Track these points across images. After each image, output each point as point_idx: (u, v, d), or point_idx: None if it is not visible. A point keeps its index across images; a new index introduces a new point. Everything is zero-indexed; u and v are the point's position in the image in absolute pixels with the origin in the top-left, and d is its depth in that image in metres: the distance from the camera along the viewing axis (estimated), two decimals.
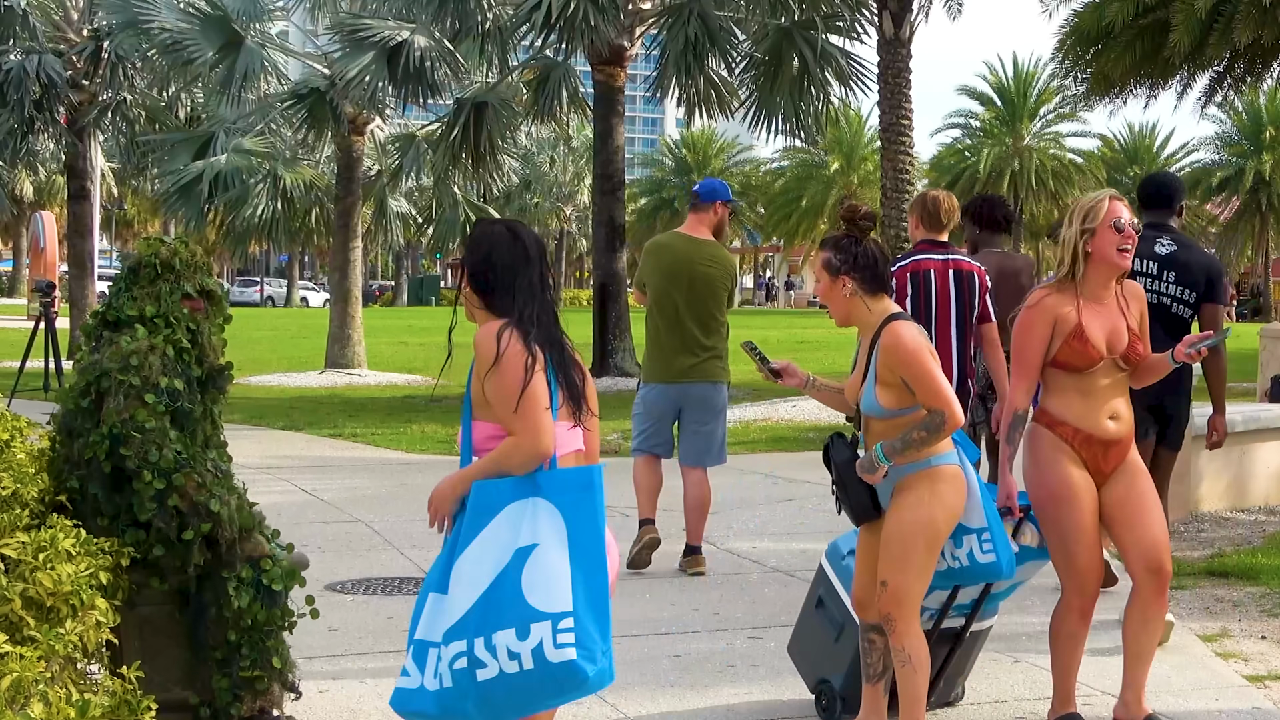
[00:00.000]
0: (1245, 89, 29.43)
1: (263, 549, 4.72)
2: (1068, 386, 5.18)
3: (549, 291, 3.97)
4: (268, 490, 10.45)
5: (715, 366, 8.37)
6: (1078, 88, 27.00)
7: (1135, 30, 24.05)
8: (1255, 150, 60.67)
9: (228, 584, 4.62)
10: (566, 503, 3.81)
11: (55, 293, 19.48)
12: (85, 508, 4.63)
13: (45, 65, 24.10)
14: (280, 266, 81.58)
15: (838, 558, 5.63)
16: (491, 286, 3.94)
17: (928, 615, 5.29)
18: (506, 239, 3.96)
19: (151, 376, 4.59)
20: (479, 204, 26.45)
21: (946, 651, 5.49)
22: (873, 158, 62.78)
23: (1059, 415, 5.18)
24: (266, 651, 4.70)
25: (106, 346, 4.67)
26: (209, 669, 4.67)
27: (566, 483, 3.86)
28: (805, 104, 20.02)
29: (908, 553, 4.92)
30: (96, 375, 4.59)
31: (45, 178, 53.26)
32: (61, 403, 4.71)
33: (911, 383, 4.85)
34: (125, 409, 4.52)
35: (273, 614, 4.73)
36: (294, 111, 22.08)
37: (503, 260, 3.92)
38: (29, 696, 3.52)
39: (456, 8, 19.85)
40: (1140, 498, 5.23)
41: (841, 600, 5.50)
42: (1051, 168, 65.74)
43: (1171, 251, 6.86)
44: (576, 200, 79.61)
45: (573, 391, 3.96)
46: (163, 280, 4.77)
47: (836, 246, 5.04)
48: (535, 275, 3.94)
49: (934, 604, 5.30)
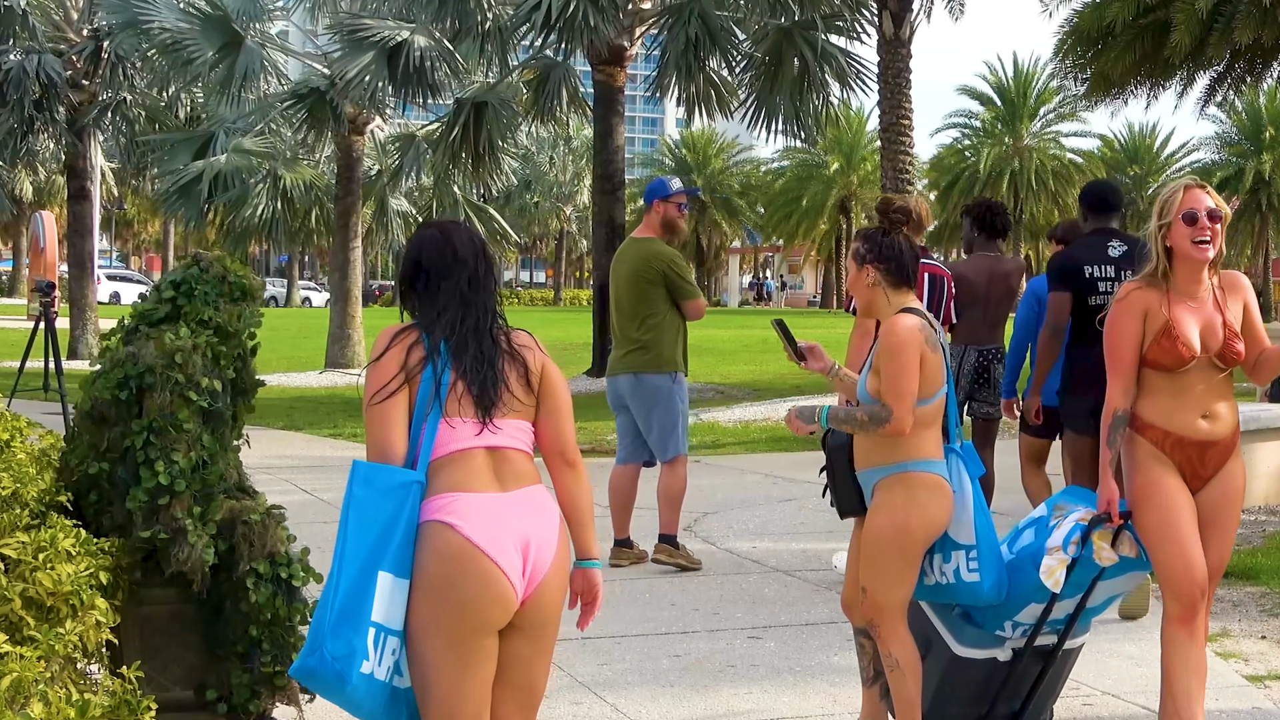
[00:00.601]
0: (1245, 89, 29.43)
1: (280, 542, 4.76)
2: (1159, 387, 4.92)
3: (482, 293, 3.83)
4: (268, 490, 10.29)
5: (638, 358, 8.39)
6: (1078, 88, 27.00)
7: (1135, 30, 24.05)
8: (1255, 150, 60.71)
9: (246, 579, 4.65)
10: (348, 496, 3.67)
11: (55, 293, 19.25)
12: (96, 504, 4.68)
13: (45, 65, 24.11)
14: (280, 266, 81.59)
15: (921, 577, 5.23)
16: (415, 290, 3.85)
17: (1020, 631, 5.05)
18: (436, 242, 3.86)
19: (195, 375, 4.68)
20: (479, 204, 26.49)
21: (1038, 671, 5.14)
22: (873, 158, 62.78)
23: (1148, 418, 4.94)
24: (288, 648, 4.69)
25: (145, 342, 4.73)
26: (227, 665, 4.68)
27: (355, 475, 3.69)
28: (805, 104, 20.02)
29: (883, 559, 4.90)
30: (140, 370, 4.66)
31: (45, 177, 53.14)
32: (91, 391, 4.73)
33: (882, 372, 4.84)
34: (170, 405, 4.63)
35: (294, 608, 4.73)
36: (294, 111, 22.11)
37: (431, 264, 3.83)
38: (29, 696, 3.52)
39: (456, 8, 19.85)
40: (1223, 513, 5.00)
41: (928, 619, 5.17)
42: (1051, 168, 65.79)
43: (1123, 252, 7.36)
44: (576, 200, 79.64)
45: (481, 392, 3.76)
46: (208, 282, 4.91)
47: (866, 237, 5.09)
48: (463, 278, 3.82)
49: (1028, 619, 5.01)
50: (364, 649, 3.55)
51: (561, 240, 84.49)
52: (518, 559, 3.66)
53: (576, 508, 3.87)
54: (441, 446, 3.71)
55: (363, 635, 3.56)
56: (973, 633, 5.07)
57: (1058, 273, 7.52)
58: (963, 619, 5.10)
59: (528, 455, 3.79)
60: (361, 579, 3.58)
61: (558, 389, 3.86)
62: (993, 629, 5.05)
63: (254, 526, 4.71)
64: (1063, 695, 5.78)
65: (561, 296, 79.99)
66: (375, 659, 3.58)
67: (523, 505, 3.72)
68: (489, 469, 3.72)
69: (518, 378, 3.80)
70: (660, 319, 8.37)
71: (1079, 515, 4.96)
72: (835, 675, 6.14)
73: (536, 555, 3.69)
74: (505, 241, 28.87)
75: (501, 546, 3.65)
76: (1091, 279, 7.38)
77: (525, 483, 3.74)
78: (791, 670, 6.29)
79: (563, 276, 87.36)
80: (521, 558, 3.67)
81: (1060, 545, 4.89)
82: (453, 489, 3.68)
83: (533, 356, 3.83)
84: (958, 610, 5.10)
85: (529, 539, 3.69)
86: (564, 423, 3.85)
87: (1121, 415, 4.93)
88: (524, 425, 3.80)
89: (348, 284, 23.63)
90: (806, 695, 5.92)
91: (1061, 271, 7.49)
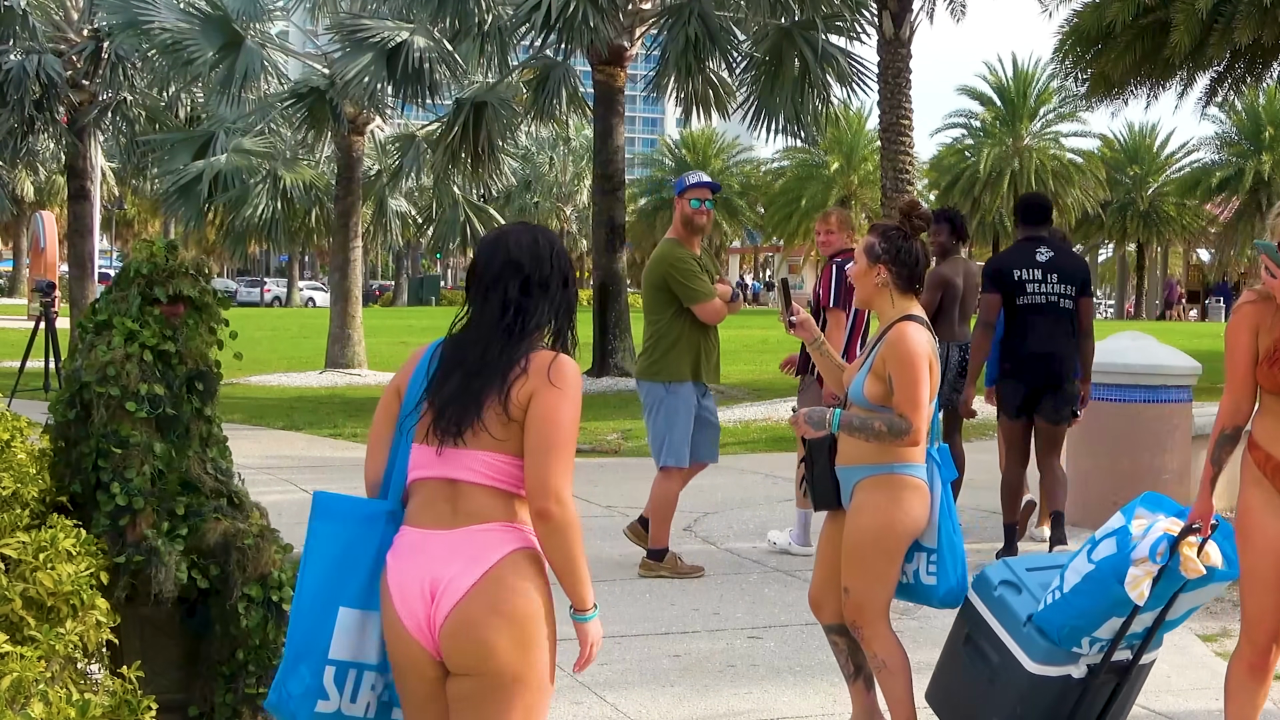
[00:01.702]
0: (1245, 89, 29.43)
1: (273, 564, 4.69)
2: (1271, 409, 4.62)
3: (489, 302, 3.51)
4: (268, 490, 10.44)
5: (641, 364, 8.40)
6: (1078, 88, 27.01)
7: (1135, 30, 24.06)
8: (1255, 150, 60.73)
9: (236, 603, 4.60)
10: (308, 529, 3.54)
11: (55, 292, 19.53)
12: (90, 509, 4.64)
13: (45, 65, 24.07)
14: (281, 266, 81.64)
15: (988, 589, 5.02)
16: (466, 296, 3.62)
17: (1097, 647, 4.80)
18: (488, 242, 3.61)
19: (130, 385, 4.56)
20: (479, 204, 26.48)
21: (1112, 688, 4.88)
22: (873, 158, 62.80)
23: (1256, 438, 4.67)
24: (273, 670, 4.58)
25: (86, 354, 4.66)
26: (210, 682, 4.66)
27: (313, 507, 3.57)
28: (805, 104, 20.04)
29: (866, 560, 4.89)
30: (79, 386, 4.60)
31: (45, 177, 53.19)
32: (54, 413, 4.72)
33: (896, 383, 4.81)
34: (110, 422, 4.53)
35: (282, 631, 4.63)
36: (294, 111, 22.08)
37: (477, 265, 3.58)
38: (29, 696, 3.51)
39: (456, 8, 19.87)
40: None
41: (996, 636, 4.93)
42: (1051, 168, 65.74)
43: (1050, 257, 8.49)
44: (576, 200, 79.66)
45: (440, 415, 3.47)
46: (134, 285, 4.75)
47: (884, 235, 5.02)
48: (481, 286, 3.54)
49: (1106, 634, 4.77)
50: (319, 688, 3.47)
51: (561, 240, 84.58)
52: (420, 605, 3.40)
53: (553, 561, 3.44)
54: (410, 471, 3.54)
55: (318, 674, 3.47)
56: (1045, 648, 4.83)
57: (989, 276, 8.57)
58: (1037, 634, 4.84)
59: (490, 490, 3.43)
60: (318, 615, 3.49)
61: (542, 425, 3.38)
62: (1070, 645, 4.81)
63: (247, 551, 4.63)
64: None
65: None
66: (340, 696, 3.50)
67: (448, 545, 3.41)
68: (445, 501, 3.46)
69: (495, 406, 3.42)
70: (664, 325, 8.19)
71: (1165, 525, 4.75)
72: (835, 675, 6.12)
73: (440, 601, 3.38)
74: None
75: (404, 591, 3.42)
76: (1020, 281, 8.45)
77: (474, 521, 3.41)
78: (791, 670, 6.30)
79: None
80: (426, 603, 3.39)
81: (1147, 556, 4.67)
82: (406, 521, 3.51)
83: (522, 385, 3.42)
84: (1029, 626, 4.86)
85: (437, 583, 3.39)
86: (540, 463, 3.37)
87: (1227, 433, 4.67)
88: (495, 458, 3.43)
89: (348, 284, 23.60)
90: (806, 695, 5.93)
91: (992, 275, 8.55)
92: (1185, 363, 10.02)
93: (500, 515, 3.43)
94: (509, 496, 3.44)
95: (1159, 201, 68.03)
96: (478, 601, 3.35)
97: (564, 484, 3.37)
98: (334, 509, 3.53)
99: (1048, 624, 4.82)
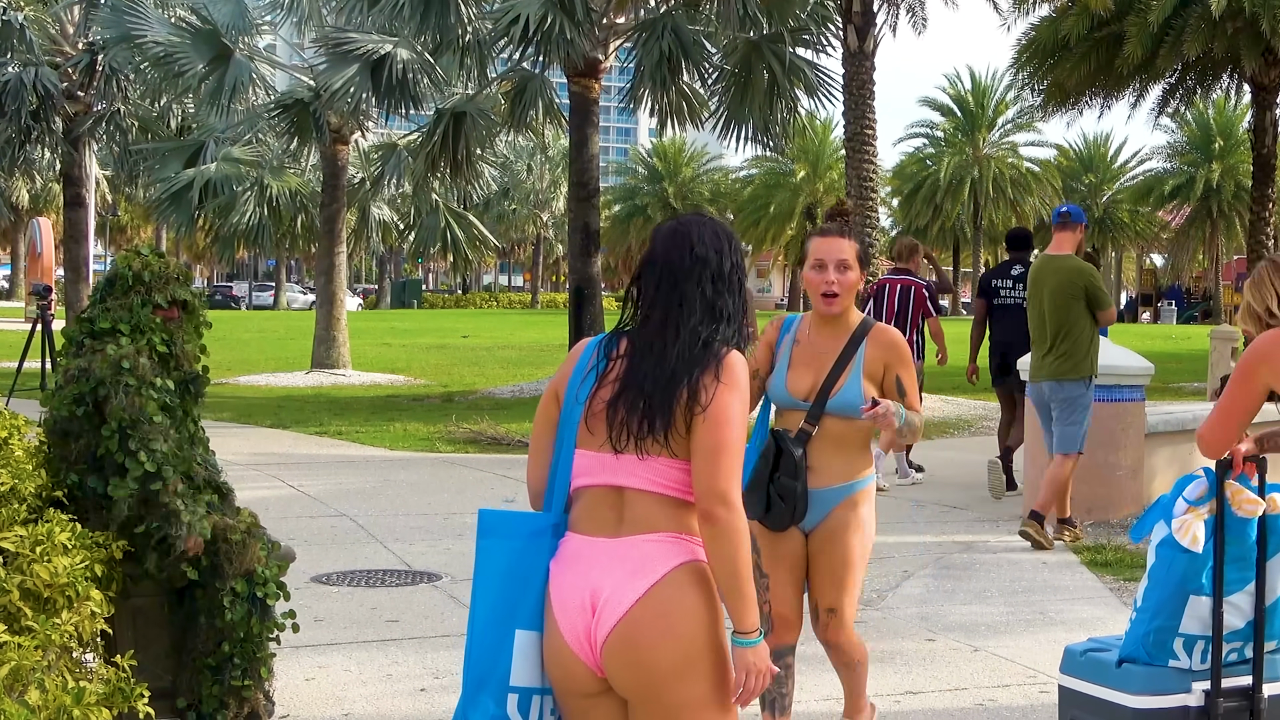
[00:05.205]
0: (1196, 100, 30.36)
1: (258, 561, 4.81)
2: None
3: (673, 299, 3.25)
4: (255, 486, 10.82)
5: (1063, 366, 9.55)
6: (1035, 98, 27.78)
7: (1090, 43, 24.83)
8: (1205, 159, 61.36)
9: (222, 596, 4.72)
10: (479, 548, 3.33)
11: (51, 296, 19.61)
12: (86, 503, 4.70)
13: (42, 77, 24.54)
14: (269, 270, 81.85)
15: (1073, 660, 4.51)
16: (631, 291, 3.34)
17: (1198, 654, 4.27)
18: (664, 235, 3.34)
19: (146, 376, 4.66)
20: (459, 210, 26.93)
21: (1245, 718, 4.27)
22: (838, 166, 63.40)
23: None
24: (257, 663, 4.82)
25: (91, 355, 4.68)
26: (196, 674, 4.76)
27: (480, 525, 3.34)
28: (773, 114, 20.07)
29: (858, 576, 4.84)
30: (93, 384, 4.62)
31: (42, 185, 53.38)
32: (50, 408, 4.74)
33: (906, 383, 4.79)
34: (131, 403, 4.60)
35: (266, 626, 4.84)
36: (280, 121, 22.37)
37: (655, 259, 3.32)
38: (26, 684, 3.54)
39: (438, 22, 19.88)
40: None
41: (1092, 697, 4.37)
42: (1010, 176, 66.83)
43: (1020, 273, 11.29)
44: (553, 207, 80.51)
45: (614, 417, 3.20)
46: (134, 293, 4.84)
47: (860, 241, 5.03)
48: (666, 282, 3.27)
49: (1197, 627, 4.25)
50: (503, 718, 3.24)
51: (538, 245, 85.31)
52: (580, 618, 3.18)
53: (716, 572, 3.15)
54: (574, 478, 3.29)
55: (501, 703, 3.23)
56: (1140, 674, 4.27)
57: (979, 287, 11.91)
58: (1130, 667, 4.31)
59: (658, 497, 3.19)
60: (494, 641, 3.25)
61: (712, 424, 3.14)
62: (1164, 658, 4.27)
63: (234, 546, 4.74)
64: (1020, 684, 6.03)
65: (538, 299, 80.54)
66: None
67: (611, 554, 3.18)
68: (609, 508, 3.22)
69: (683, 409, 3.17)
70: (1085, 328, 9.41)
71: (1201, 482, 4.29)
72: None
73: (602, 614, 3.15)
74: (484, 246, 29.27)
75: (565, 603, 3.20)
76: (996, 288, 11.59)
77: (640, 530, 3.18)
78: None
79: (539, 280, 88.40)
80: (586, 616, 3.17)
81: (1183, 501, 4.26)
82: (570, 528, 3.28)
83: (710, 386, 3.17)
84: (1121, 667, 4.33)
85: (598, 594, 3.16)
86: (708, 464, 3.12)
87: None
88: (666, 463, 3.19)
89: (333, 287, 23.83)
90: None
91: (981, 286, 11.87)
92: (1139, 363, 10.30)
93: (668, 525, 3.20)
94: (678, 504, 3.21)
95: (1113, 208, 68.89)
96: (642, 619, 3.13)
97: (732, 486, 3.13)
98: (499, 526, 3.30)
99: (1134, 643, 4.33)
